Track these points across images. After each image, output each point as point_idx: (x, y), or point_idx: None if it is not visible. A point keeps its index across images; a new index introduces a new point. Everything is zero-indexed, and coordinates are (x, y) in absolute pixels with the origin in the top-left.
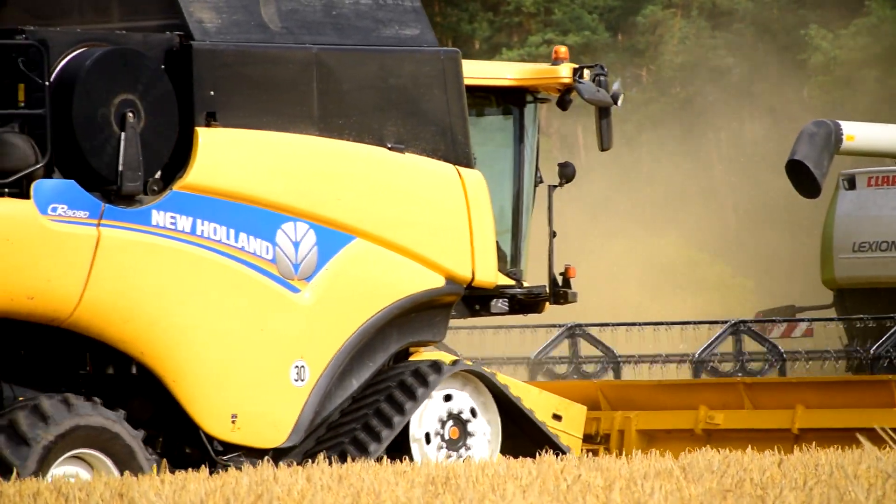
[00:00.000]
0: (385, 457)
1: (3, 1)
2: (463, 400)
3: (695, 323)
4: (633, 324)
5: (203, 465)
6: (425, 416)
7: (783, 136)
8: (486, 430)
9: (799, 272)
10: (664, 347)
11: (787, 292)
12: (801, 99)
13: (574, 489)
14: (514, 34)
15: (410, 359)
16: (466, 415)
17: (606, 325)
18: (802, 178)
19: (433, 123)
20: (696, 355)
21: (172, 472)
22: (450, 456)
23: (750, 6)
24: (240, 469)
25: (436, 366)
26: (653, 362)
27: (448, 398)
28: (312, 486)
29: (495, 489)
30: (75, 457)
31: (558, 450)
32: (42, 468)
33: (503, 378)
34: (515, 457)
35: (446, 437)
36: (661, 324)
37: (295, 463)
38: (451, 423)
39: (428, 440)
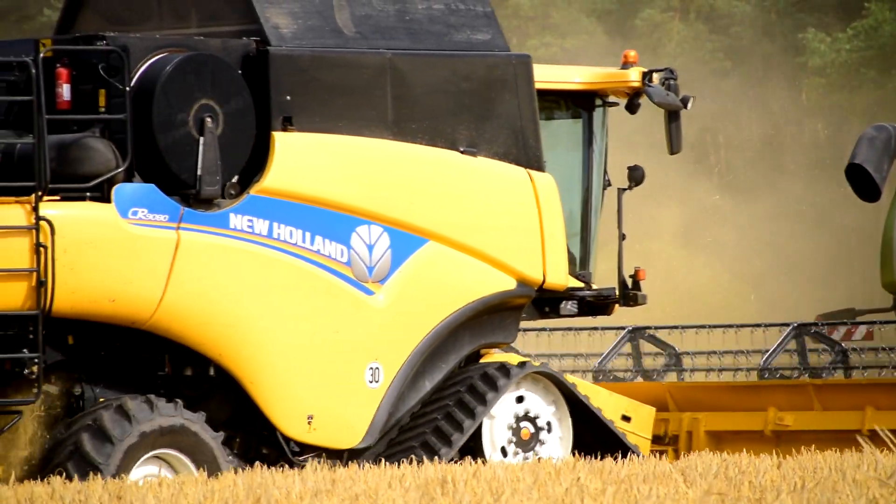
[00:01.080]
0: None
1: (80, 6)
2: (534, 401)
3: (756, 326)
4: (697, 326)
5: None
6: (497, 418)
7: (783, 139)
8: (558, 431)
9: (850, 275)
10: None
11: (847, 296)
12: (799, 102)
13: (571, 492)
14: (512, 37)
15: (481, 361)
16: (538, 416)
17: (673, 327)
18: (862, 183)
19: (505, 127)
20: (764, 360)
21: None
22: (521, 455)
23: (748, 9)
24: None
25: (506, 368)
26: (721, 370)
27: (520, 399)
28: (309, 490)
29: (492, 492)
30: (156, 457)
31: (628, 450)
32: (124, 467)
33: (572, 379)
34: (585, 457)
35: (518, 438)
36: (725, 326)
37: (367, 463)
38: (522, 423)
39: (500, 441)
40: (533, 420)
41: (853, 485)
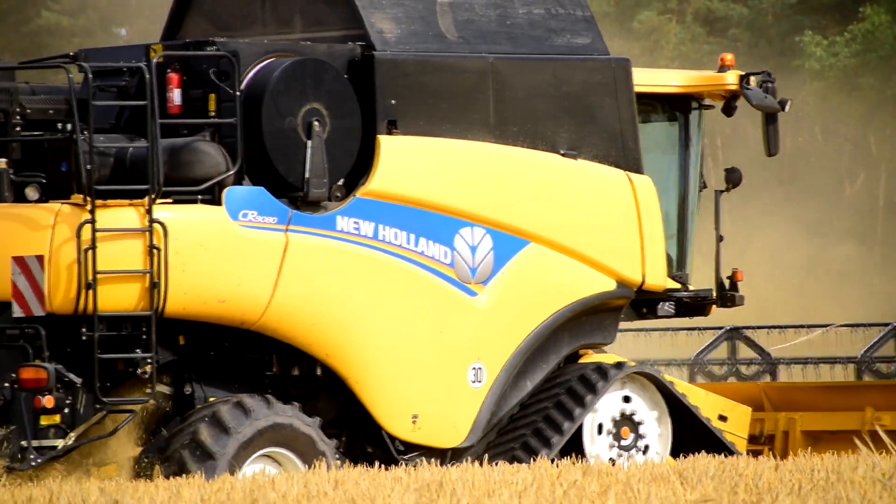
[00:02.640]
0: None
1: (186, 12)
2: (634, 401)
3: (855, 326)
4: (792, 326)
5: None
6: (597, 417)
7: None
8: (657, 430)
9: None
10: (820, 350)
11: None
12: (796, 104)
13: (570, 494)
14: None
15: (580, 361)
16: (637, 415)
17: (770, 327)
18: None
19: (604, 130)
20: (862, 353)
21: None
22: (621, 455)
23: (745, 12)
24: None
25: (606, 368)
26: (817, 364)
27: (619, 399)
28: (308, 492)
29: (490, 494)
30: (267, 455)
31: (726, 449)
32: (238, 461)
33: (670, 378)
34: (685, 456)
35: (618, 438)
36: (822, 326)
37: (469, 461)
38: (622, 423)
39: (600, 440)
40: (632, 419)
41: (851, 486)
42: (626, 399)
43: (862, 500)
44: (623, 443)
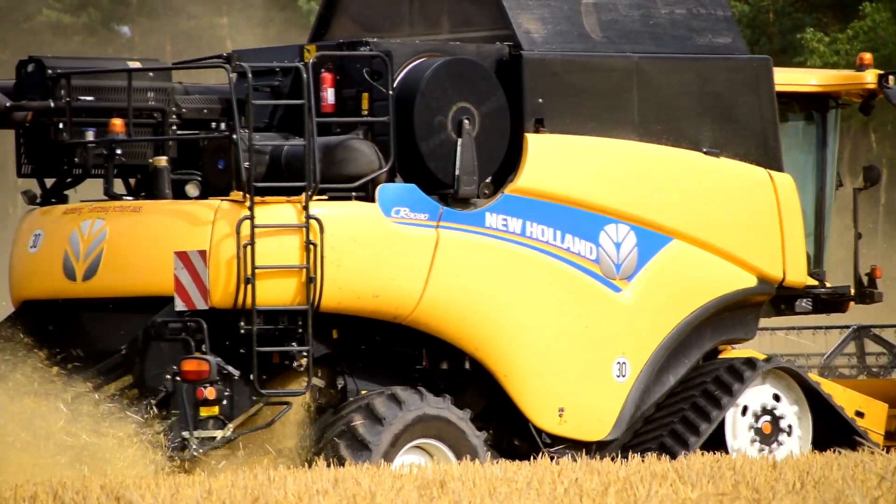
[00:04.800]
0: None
1: (334, 13)
2: (775, 396)
3: None
4: None
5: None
6: (739, 411)
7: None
8: (798, 425)
9: None
10: None
11: None
12: None
13: (570, 492)
14: None
15: (720, 356)
16: (779, 410)
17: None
18: None
19: (746, 128)
20: None
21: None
22: (762, 450)
23: (746, 9)
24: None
25: (750, 362)
26: None
27: (762, 394)
28: (308, 490)
29: (491, 493)
30: (419, 447)
31: (866, 444)
32: (391, 451)
33: (811, 376)
34: (822, 452)
35: (760, 432)
36: None
37: (614, 455)
38: (764, 417)
39: (742, 434)
40: (774, 414)
41: (852, 484)
42: (769, 394)
43: (861, 497)
44: (764, 437)
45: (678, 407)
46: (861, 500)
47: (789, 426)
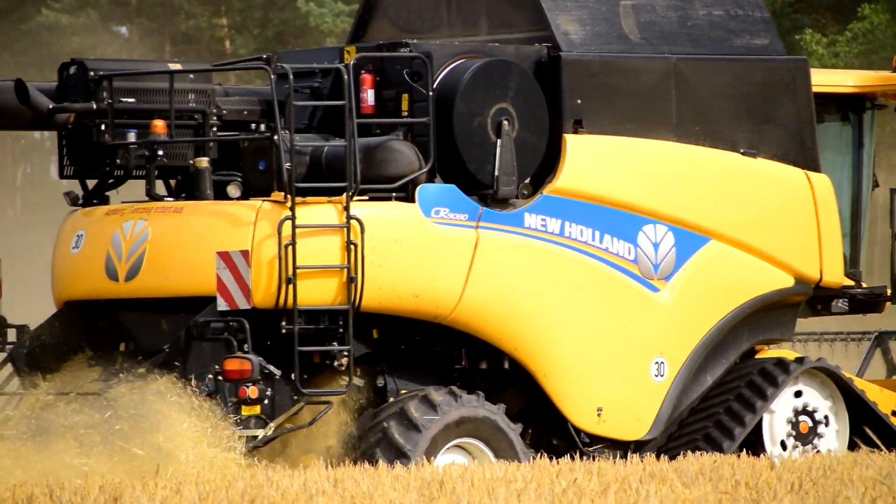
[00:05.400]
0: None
1: (372, 15)
2: (812, 395)
3: None
4: None
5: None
6: (776, 412)
7: None
8: (835, 424)
9: None
10: None
11: None
12: None
13: (569, 493)
14: None
15: (757, 356)
16: (816, 410)
17: None
18: None
19: (783, 129)
20: None
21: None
22: (799, 448)
23: None
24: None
25: (785, 363)
26: None
27: (798, 394)
28: (307, 491)
29: (490, 493)
30: (458, 446)
31: None
32: (430, 454)
33: (848, 375)
34: (857, 450)
35: (797, 432)
36: None
37: (651, 455)
38: (801, 417)
39: (779, 435)
40: (811, 414)
41: (850, 484)
42: (798, 394)
43: (860, 498)
44: (801, 436)
45: (713, 411)
46: (859, 500)
47: (826, 425)
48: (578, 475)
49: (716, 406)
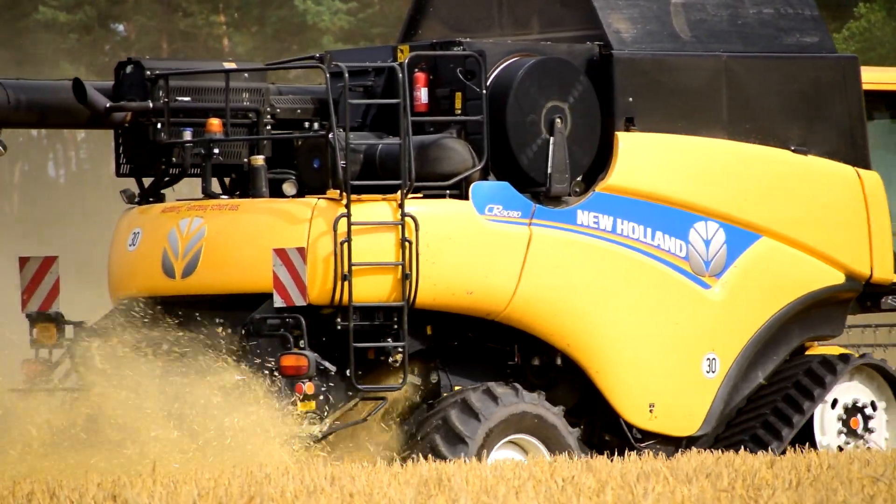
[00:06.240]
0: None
1: (423, 15)
2: (863, 391)
3: None
4: None
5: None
6: (827, 407)
7: None
8: (885, 420)
9: None
10: None
11: None
12: None
13: (567, 490)
14: None
15: (807, 353)
16: (867, 405)
17: None
18: None
19: (833, 126)
20: None
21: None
22: (851, 444)
23: None
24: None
25: (833, 362)
26: None
27: (848, 390)
28: (305, 488)
29: (488, 490)
30: (513, 441)
31: None
32: (486, 446)
33: None
34: None
35: (848, 428)
36: None
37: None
38: (852, 413)
39: (830, 431)
40: (861, 410)
41: (848, 482)
42: (849, 390)
43: (857, 496)
44: (852, 432)
45: (760, 412)
46: (855, 497)
47: (877, 421)
48: (576, 473)
49: (763, 406)
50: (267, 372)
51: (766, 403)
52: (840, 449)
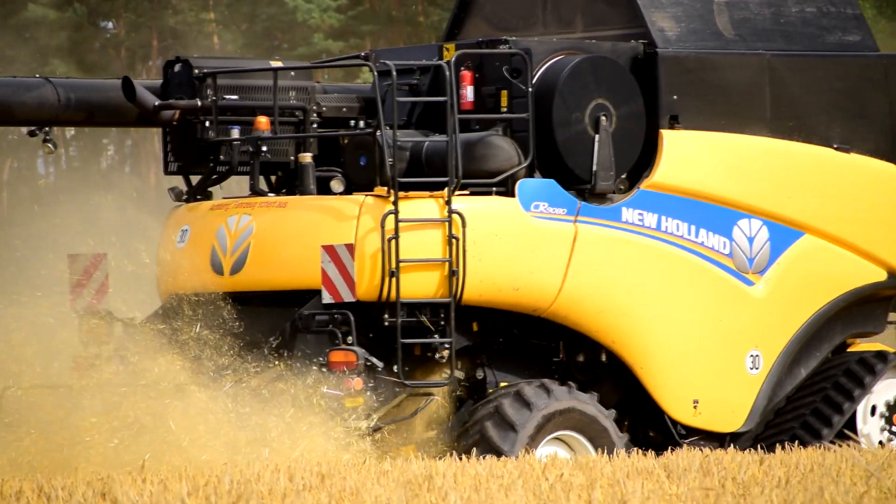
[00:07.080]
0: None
1: (468, 13)
2: None
3: None
4: None
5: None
6: (871, 401)
7: None
8: None
9: None
10: None
11: None
12: None
13: (556, 488)
14: None
15: (850, 350)
16: None
17: None
18: None
19: (875, 125)
20: None
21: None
22: (891, 439)
23: None
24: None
25: (881, 355)
26: None
27: (892, 387)
28: (294, 486)
29: (477, 488)
30: (559, 438)
31: None
32: (536, 438)
33: None
34: None
35: (889, 422)
36: None
37: (749, 447)
38: (894, 409)
39: (873, 426)
40: None
41: (837, 480)
42: (892, 386)
43: (846, 492)
44: (894, 428)
45: (809, 399)
46: (845, 496)
47: None
48: (565, 470)
49: (813, 395)
50: (315, 368)
51: (817, 391)
52: (881, 444)
